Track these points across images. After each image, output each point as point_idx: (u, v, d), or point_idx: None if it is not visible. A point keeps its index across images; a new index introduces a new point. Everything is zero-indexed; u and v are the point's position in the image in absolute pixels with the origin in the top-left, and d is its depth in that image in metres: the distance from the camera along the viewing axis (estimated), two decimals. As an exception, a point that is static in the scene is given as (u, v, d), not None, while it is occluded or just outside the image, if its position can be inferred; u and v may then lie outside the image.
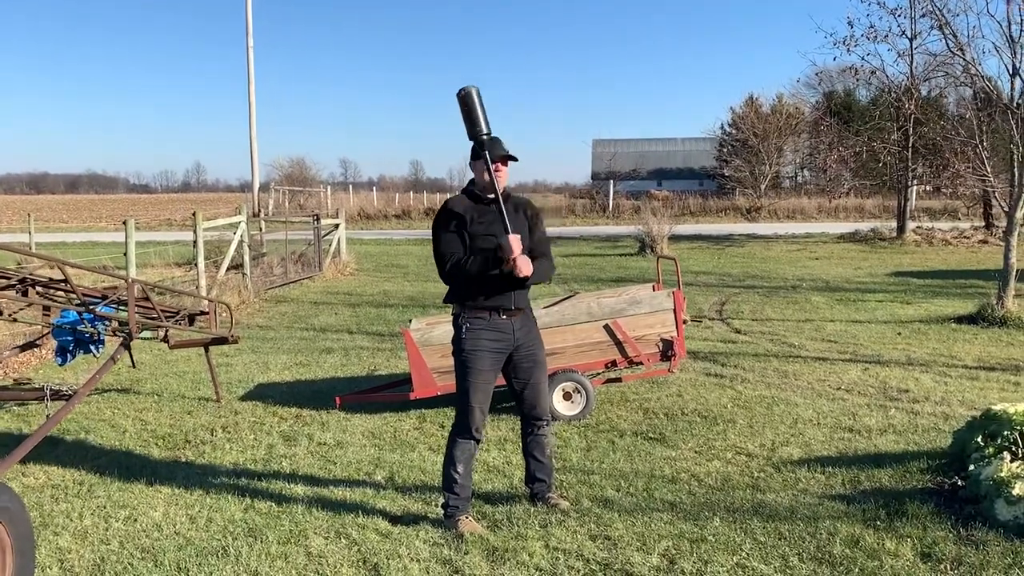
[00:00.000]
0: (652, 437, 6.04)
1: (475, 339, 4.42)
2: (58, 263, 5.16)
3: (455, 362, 4.54)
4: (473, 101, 4.29)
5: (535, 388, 4.61)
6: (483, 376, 4.44)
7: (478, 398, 4.44)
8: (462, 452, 4.48)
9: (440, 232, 4.38)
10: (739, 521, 4.34)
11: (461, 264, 4.27)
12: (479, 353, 4.42)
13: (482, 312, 4.40)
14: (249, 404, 7.35)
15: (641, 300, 6.94)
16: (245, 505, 4.90)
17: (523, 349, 4.52)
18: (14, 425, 6.73)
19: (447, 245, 4.33)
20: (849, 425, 6.23)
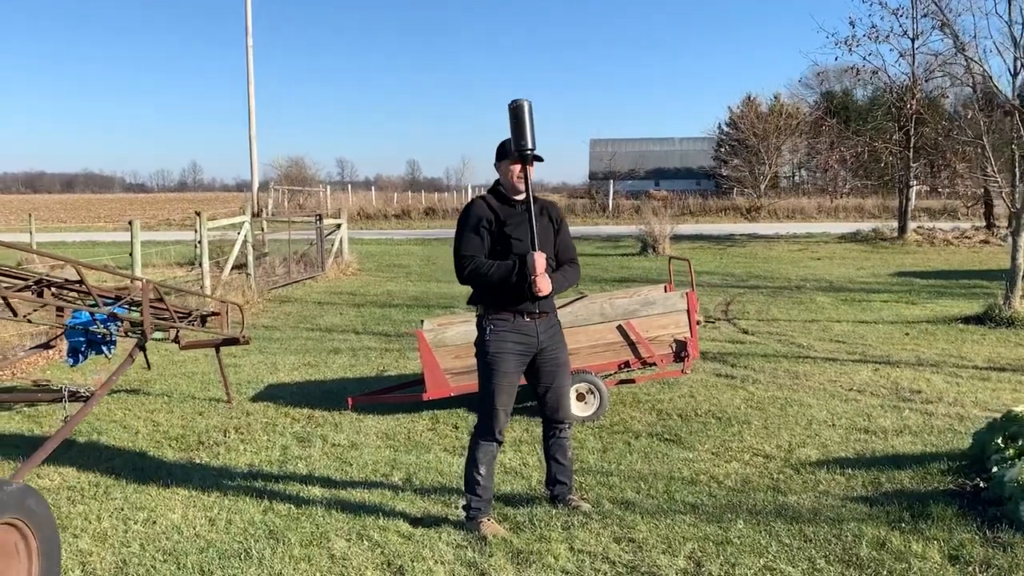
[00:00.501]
0: (668, 439, 6.03)
1: (499, 341, 4.40)
2: (74, 264, 5.14)
3: (479, 364, 4.52)
4: (524, 114, 4.26)
5: (558, 391, 4.59)
6: (507, 378, 4.42)
7: (502, 400, 4.42)
8: (485, 454, 4.46)
9: (463, 231, 4.36)
10: (763, 523, 4.32)
11: (481, 270, 4.26)
12: (504, 355, 4.39)
13: (506, 314, 4.38)
14: (260, 405, 7.33)
15: (654, 301, 6.93)
16: (264, 507, 4.88)
17: (547, 352, 4.50)
18: (25, 426, 6.71)
19: (468, 246, 4.31)
20: (864, 426, 6.22)
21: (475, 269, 4.27)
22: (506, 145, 4.38)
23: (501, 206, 4.39)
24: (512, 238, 4.33)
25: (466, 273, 4.30)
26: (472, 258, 4.28)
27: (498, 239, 4.32)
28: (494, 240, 4.32)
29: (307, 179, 56.27)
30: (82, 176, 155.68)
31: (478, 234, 4.32)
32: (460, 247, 4.35)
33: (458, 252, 4.35)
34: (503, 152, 4.40)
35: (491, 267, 4.26)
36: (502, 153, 4.40)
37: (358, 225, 39.14)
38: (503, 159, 4.39)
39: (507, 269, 4.26)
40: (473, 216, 4.36)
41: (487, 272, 4.25)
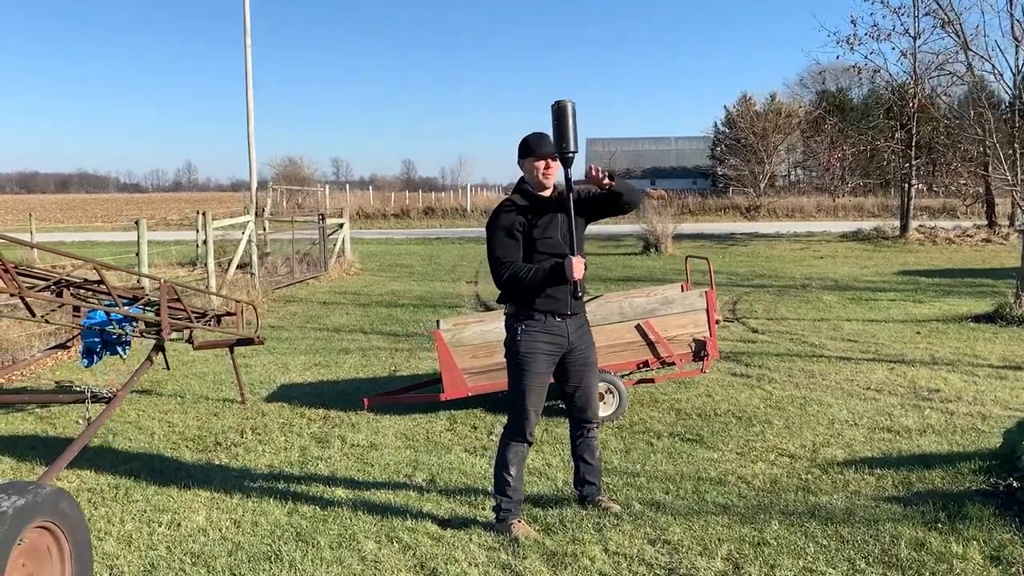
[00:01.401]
0: (690, 438, 5.99)
1: (530, 341, 4.35)
2: (95, 264, 5.09)
3: (509, 364, 4.47)
4: (567, 116, 4.20)
5: (586, 391, 4.55)
6: (538, 379, 4.37)
7: (532, 401, 4.37)
8: (515, 455, 4.41)
9: (497, 235, 4.29)
10: (797, 524, 4.28)
11: (520, 276, 4.20)
12: (535, 355, 4.34)
13: (538, 315, 4.33)
14: (275, 405, 7.28)
15: (673, 300, 6.89)
16: (289, 508, 4.83)
17: (576, 352, 4.45)
18: (39, 427, 6.64)
19: (504, 251, 4.25)
20: (887, 425, 6.19)
21: (514, 275, 4.21)
22: (530, 142, 4.31)
23: (531, 205, 4.33)
24: (546, 238, 4.27)
25: (505, 279, 4.24)
26: (510, 263, 4.23)
27: (528, 239, 4.26)
28: (526, 240, 4.27)
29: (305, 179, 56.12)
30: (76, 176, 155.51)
31: (512, 238, 4.26)
32: (495, 250, 4.28)
33: (493, 255, 4.29)
34: (527, 149, 4.32)
35: (529, 271, 4.20)
36: (526, 150, 4.33)
37: (357, 225, 39.03)
38: (527, 156, 4.32)
39: (545, 274, 4.20)
40: (504, 219, 4.30)
41: (526, 277, 4.20)
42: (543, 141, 4.32)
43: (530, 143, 4.33)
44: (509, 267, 4.22)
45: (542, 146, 4.31)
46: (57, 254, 4.91)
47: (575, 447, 4.68)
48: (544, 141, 4.30)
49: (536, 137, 4.33)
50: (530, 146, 4.32)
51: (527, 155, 4.33)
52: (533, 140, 4.33)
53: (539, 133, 4.35)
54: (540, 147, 4.31)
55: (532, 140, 4.34)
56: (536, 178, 4.32)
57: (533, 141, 4.33)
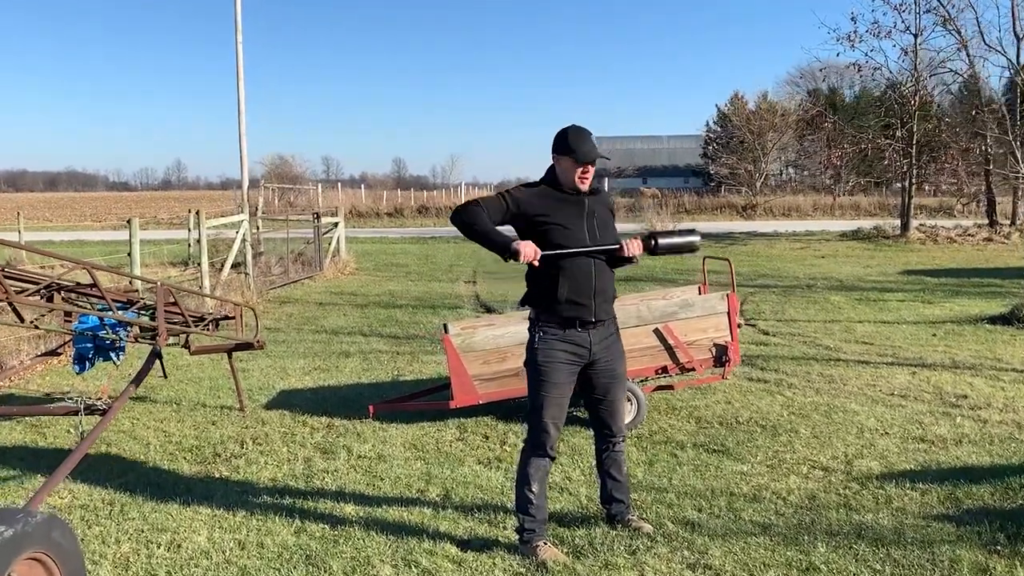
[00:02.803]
0: (715, 449, 5.70)
1: (548, 349, 4.06)
2: (87, 266, 4.78)
3: (528, 373, 4.18)
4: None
5: (612, 404, 4.26)
6: (558, 390, 4.08)
7: (552, 413, 4.07)
8: (536, 470, 4.12)
9: (499, 196, 4.02)
10: (844, 546, 4.00)
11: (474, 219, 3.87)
12: (553, 364, 4.05)
13: (558, 322, 4.04)
14: (275, 413, 6.96)
15: (693, 303, 6.61)
16: (296, 527, 4.53)
17: (600, 363, 4.16)
18: (29, 437, 6.32)
19: (489, 206, 3.93)
20: (919, 435, 5.91)
21: (470, 212, 3.89)
22: (570, 140, 3.96)
23: (556, 193, 4.03)
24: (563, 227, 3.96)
25: (461, 213, 3.91)
26: (476, 207, 3.90)
27: (550, 228, 3.94)
28: (547, 229, 3.94)
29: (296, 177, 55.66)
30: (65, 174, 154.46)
31: (506, 207, 3.95)
32: (485, 200, 3.99)
33: (479, 201, 3.97)
34: (565, 147, 3.98)
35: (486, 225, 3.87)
36: (564, 147, 3.99)
37: (350, 224, 38.61)
38: (565, 154, 3.98)
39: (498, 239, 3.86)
40: (518, 192, 4.03)
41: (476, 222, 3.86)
42: (586, 142, 3.97)
43: (570, 142, 3.96)
44: (476, 209, 3.89)
45: (584, 149, 3.95)
46: (49, 256, 4.59)
47: (600, 462, 4.39)
48: (587, 141, 3.97)
49: (578, 135, 3.98)
50: (570, 145, 3.96)
51: (565, 152, 3.98)
52: (574, 138, 3.96)
53: (580, 129, 4.01)
54: (582, 149, 3.95)
55: (573, 138, 3.97)
56: (571, 180, 4.00)
57: (574, 139, 3.96)
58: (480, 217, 3.88)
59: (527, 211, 3.97)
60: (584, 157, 3.94)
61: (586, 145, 3.96)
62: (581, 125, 4.02)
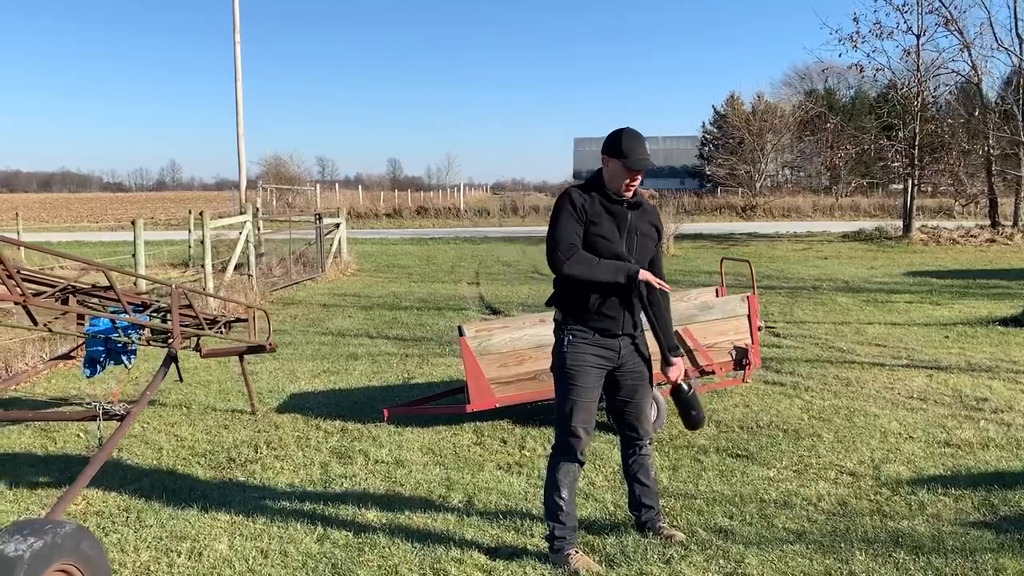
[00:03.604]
0: (739, 454, 5.62)
1: (577, 352, 3.98)
2: (103, 268, 4.68)
3: (555, 377, 4.09)
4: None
5: (638, 407, 4.18)
6: (587, 394, 3.99)
7: (581, 417, 3.99)
8: (566, 475, 4.03)
9: (563, 214, 3.86)
10: (883, 554, 3.92)
11: (585, 265, 3.80)
12: (582, 368, 3.97)
13: (587, 329, 3.96)
14: (288, 417, 6.86)
15: (713, 306, 6.53)
16: (318, 535, 4.44)
17: (627, 365, 4.09)
18: (38, 442, 6.22)
19: (568, 233, 3.83)
20: (944, 439, 5.84)
21: (579, 256, 3.81)
22: (623, 145, 3.83)
23: (602, 200, 3.92)
24: (604, 238, 3.88)
25: (567, 263, 3.80)
26: (574, 248, 3.81)
27: (592, 236, 3.86)
28: (587, 235, 3.87)
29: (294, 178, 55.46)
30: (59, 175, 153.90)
31: (579, 222, 3.84)
32: (558, 231, 3.84)
33: (555, 235, 3.83)
34: (618, 150, 3.84)
35: (598, 262, 3.81)
36: (617, 151, 3.85)
37: (349, 224, 38.52)
38: (617, 157, 3.85)
39: (615, 268, 3.82)
40: (576, 201, 3.87)
41: (594, 268, 3.80)
42: (640, 147, 3.86)
43: (624, 145, 3.85)
44: (573, 249, 3.81)
45: (638, 157, 3.84)
46: (66, 258, 4.50)
47: (627, 467, 4.30)
48: (641, 146, 3.85)
49: (632, 139, 3.86)
50: (623, 149, 3.84)
51: (617, 155, 3.86)
52: (628, 143, 3.85)
53: (634, 133, 3.89)
54: (635, 155, 3.84)
55: (627, 142, 3.85)
56: (618, 185, 3.90)
57: (628, 144, 3.84)
58: (586, 260, 3.81)
59: (586, 212, 3.87)
60: (635, 164, 3.83)
61: (639, 151, 3.84)
62: (634, 129, 3.90)
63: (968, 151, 23.58)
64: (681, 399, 4.25)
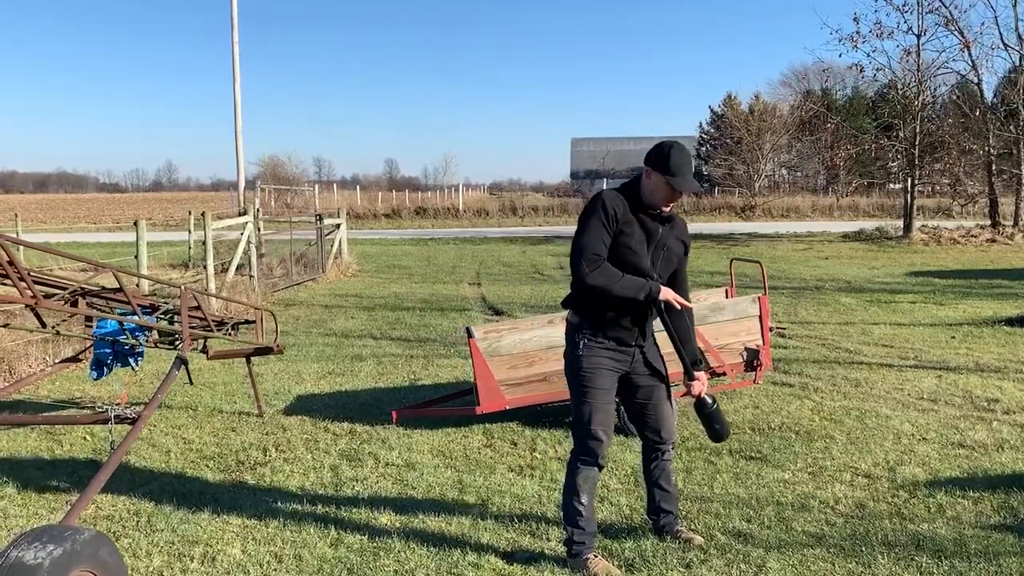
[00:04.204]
0: (752, 456, 5.58)
1: (593, 356, 3.93)
2: (113, 270, 4.64)
3: (569, 380, 4.05)
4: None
5: (658, 407, 4.12)
6: (604, 395, 3.95)
7: (599, 419, 3.94)
8: (585, 480, 3.98)
9: (593, 221, 3.76)
10: (905, 558, 3.89)
11: (611, 272, 3.74)
12: (597, 370, 3.93)
13: (603, 338, 3.91)
14: (296, 419, 6.82)
15: (724, 307, 6.50)
16: (332, 539, 4.39)
17: (640, 368, 4.05)
18: (44, 445, 6.16)
19: (596, 241, 3.73)
20: (958, 440, 5.81)
21: (604, 268, 3.73)
22: (671, 162, 3.71)
23: (634, 210, 3.81)
24: (631, 249, 3.80)
25: (590, 275, 3.71)
26: (600, 259, 3.73)
27: (618, 247, 3.78)
28: (614, 245, 3.79)
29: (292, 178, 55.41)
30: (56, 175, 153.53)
31: (608, 231, 3.75)
32: (585, 237, 3.74)
33: (581, 242, 3.74)
34: (665, 166, 3.72)
35: (621, 277, 3.74)
36: (664, 166, 3.73)
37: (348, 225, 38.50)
38: (662, 173, 3.73)
39: (637, 286, 3.76)
40: (609, 208, 3.74)
41: (615, 282, 3.73)
42: (688, 169, 3.76)
43: (672, 164, 3.72)
44: (598, 260, 3.72)
45: (685, 178, 3.73)
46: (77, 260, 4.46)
47: (649, 472, 4.25)
48: (689, 168, 3.76)
49: (681, 158, 3.72)
50: (671, 167, 3.72)
51: (663, 172, 3.73)
52: (677, 162, 3.72)
53: (684, 151, 3.76)
54: (682, 178, 3.73)
55: (676, 162, 3.72)
56: (657, 201, 3.80)
57: (677, 163, 3.71)
58: (610, 274, 3.73)
59: (618, 220, 3.77)
60: (681, 186, 3.73)
61: (687, 173, 3.74)
62: (683, 144, 3.81)
63: (968, 150, 23.57)
64: (705, 413, 4.16)
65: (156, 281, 7.95)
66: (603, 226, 3.74)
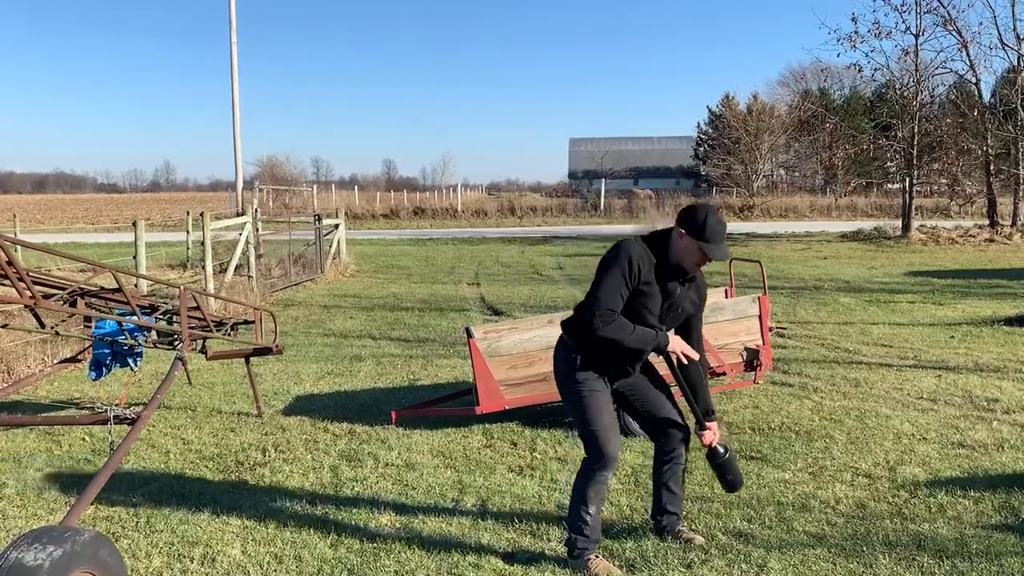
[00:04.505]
0: (752, 456, 5.58)
1: (588, 370, 3.92)
2: (112, 270, 4.62)
3: (567, 392, 4.01)
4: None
5: (659, 409, 4.12)
6: (603, 396, 3.94)
7: (605, 421, 3.90)
8: (597, 492, 3.92)
9: (612, 276, 3.69)
10: (907, 558, 3.88)
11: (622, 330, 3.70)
12: (594, 380, 3.92)
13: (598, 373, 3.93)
14: (295, 419, 6.81)
15: (723, 306, 6.49)
16: (332, 540, 4.38)
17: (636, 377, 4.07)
18: (43, 445, 6.14)
19: (613, 296, 3.68)
20: (958, 440, 5.80)
21: (616, 327, 3.69)
22: (707, 230, 3.64)
23: (657, 268, 3.75)
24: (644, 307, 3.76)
25: (602, 329, 3.68)
26: (614, 315, 3.68)
27: (635, 298, 3.74)
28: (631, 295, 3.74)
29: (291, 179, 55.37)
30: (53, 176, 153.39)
31: (627, 287, 3.69)
32: (604, 288, 3.68)
33: (598, 300, 3.68)
34: (700, 233, 3.65)
35: (632, 331, 3.70)
36: (700, 231, 3.65)
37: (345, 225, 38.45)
38: (698, 238, 3.65)
39: (645, 340, 3.74)
40: (635, 265, 3.68)
41: (626, 336, 3.70)
42: (723, 239, 3.70)
43: (708, 232, 3.64)
44: (613, 318, 3.68)
45: (719, 248, 3.67)
46: (78, 260, 4.44)
47: (659, 473, 4.23)
48: (724, 238, 3.70)
49: (717, 228, 3.66)
50: (706, 236, 3.64)
51: (698, 237, 3.65)
52: (713, 231, 3.64)
53: (720, 220, 3.68)
54: (717, 247, 3.66)
55: (712, 231, 3.65)
56: (687, 264, 3.75)
57: (713, 232, 3.64)
58: (622, 328, 3.70)
59: (640, 278, 3.72)
60: (715, 255, 3.66)
61: (721, 241, 3.68)
62: (718, 210, 3.73)
63: (966, 150, 23.59)
64: (716, 463, 4.12)
65: (155, 281, 7.92)
66: (624, 282, 3.68)
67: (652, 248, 3.77)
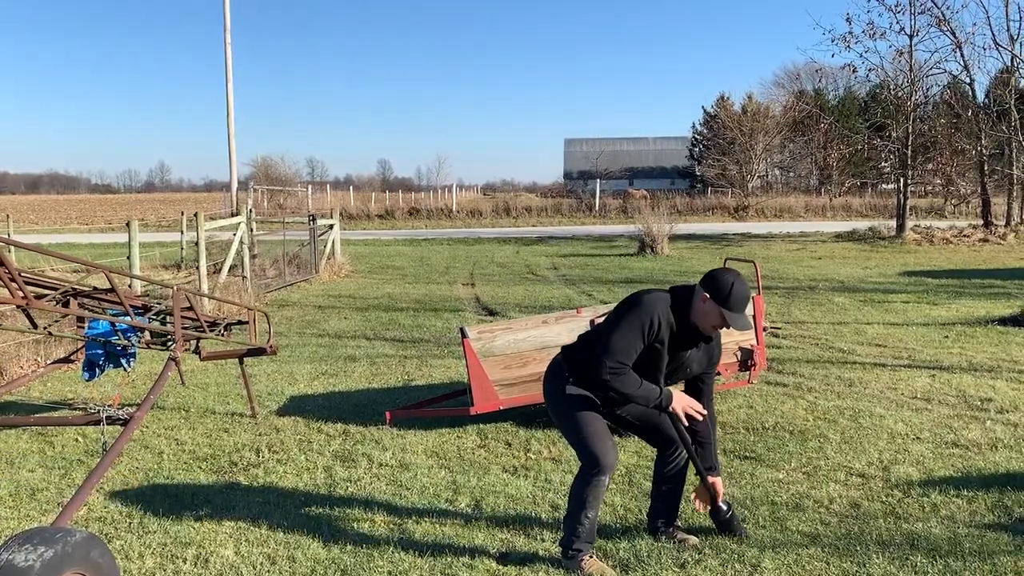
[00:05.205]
0: (746, 456, 5.58)
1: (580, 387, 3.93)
2: (104, 270, 4.61)
3: (557, 407, 4.00)
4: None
5: (654, 413, 4.10)
6: (593, 406, 3.92)
7: (597, 427, 3.89)
8: (596, 497, 3.89)
9: (633, 330, 3.68)
10: (901, 557, 3.88)
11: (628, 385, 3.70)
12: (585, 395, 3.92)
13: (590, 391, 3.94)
14: (288, 420, 6.79)
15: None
16: (325, 540, 4.37)
17: None
18: (35, 446, 6.12)
19: (627, 350, 3.68)
20: (952, 440, 5.81)
21: (625, 380, 3.69)
22: (731, 299, 3.62)
23: (677, 328, 3.75)
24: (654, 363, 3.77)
25: (611, 379, 3.68)
26: (625, 368, 3.68)
27: (649, 353, 3.74)
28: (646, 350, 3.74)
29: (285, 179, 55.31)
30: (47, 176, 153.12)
31: (644, 344, 3.70)
32: (618, 347, 3.68)
33: (611, 350, 3.68)
34: (726, 300, 3.63)
35: (639, 386, 3.70)
36: (724, 299, 3.63)
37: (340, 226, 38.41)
38: (722, 305, 3.63)
39: (650, 398, 3.74)
40: (655, 325, 3.68)
41: (632, 391, 3.71)
42: (746, 309, 3.71)
43: (731, 302, 3.63)
44: (623, 368, 3.68)
45: (741, 318, 3.66)
46: (71, 261, 4.43)
47: (660, 476, 4.24)
48: (744, 306, 3.68)
49: (741, 297, 3.65)
50: (730, 305, 3.63)
51: (722, 304, 3.63)
52: (736, 300, 3.63)
53: (745, 290, 3.67)
54: (739, 317, 3.65)
55: (736, 299, 3.63)
56: (706, 327, 3.73)
57: (736, 301, 3.63)
58: (630, 382, 3.69)
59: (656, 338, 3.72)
60: (736, 324, 3.65)
61: (743, 310, 3.68)
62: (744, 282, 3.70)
63: (960, 151, 23.65)
64: (719, 520, 4.15)
65: (148, 282, 7.90)
66: (641, 338, 3.68)
67: (676, 309, 3.75)
